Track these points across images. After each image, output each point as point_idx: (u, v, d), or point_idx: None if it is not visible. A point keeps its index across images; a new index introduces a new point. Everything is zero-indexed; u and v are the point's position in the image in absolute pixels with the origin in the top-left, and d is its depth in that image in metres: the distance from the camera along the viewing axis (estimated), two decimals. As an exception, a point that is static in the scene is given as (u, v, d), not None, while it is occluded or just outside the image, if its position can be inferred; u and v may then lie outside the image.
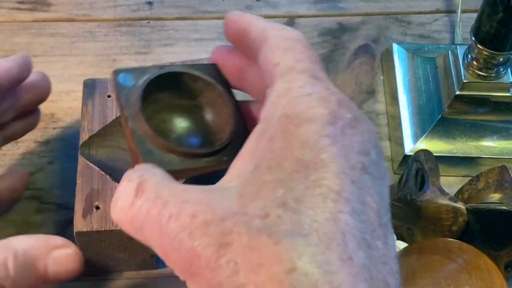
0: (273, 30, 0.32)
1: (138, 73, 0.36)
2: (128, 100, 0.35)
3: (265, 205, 0.26)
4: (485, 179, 0.44)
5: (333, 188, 0.26)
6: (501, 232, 0.41)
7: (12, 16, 0.59)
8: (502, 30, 0.44)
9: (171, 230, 0.26)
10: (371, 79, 0.57)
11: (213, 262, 0.25)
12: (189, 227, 0.26)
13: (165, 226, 0.26)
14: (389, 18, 0.61)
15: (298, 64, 0.30)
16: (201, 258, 0.25)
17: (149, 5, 0.61)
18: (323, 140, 0.27)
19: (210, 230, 0.25)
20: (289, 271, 0.24)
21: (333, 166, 0.27)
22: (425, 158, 0.45)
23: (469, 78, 0.49)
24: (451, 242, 0.41)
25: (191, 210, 0.26)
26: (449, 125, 0.50)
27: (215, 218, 0.26)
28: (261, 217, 0.25)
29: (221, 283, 0.25)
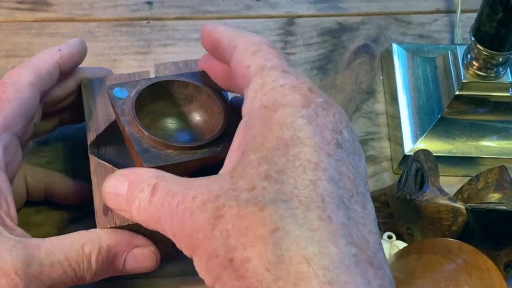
0: (240, 38, 0.37)
1: (131, 86, 0.41)
2: (123, 110, 0.39)
3: (252, 179, 0.30)
4: (485, 179, 0.44)
5: (311, 160, 0.30)
6: (501, 232, 0.41)
7: (12, 16, 0.59)
8: (501, 30, 0.44)
9: (178, 212, 0.31)
10: (370, 79, 0.57)
11: (209, 232, 0.29)
12: (191, 207, 0.30)
13: (174, 211, 0.31)
14: (389, 18, 0.61)
15: (267, 63, 0.34)
16: (199, 231, 0.30)
17: (149, 5, 0.61)
18: (299, 120, 0.31)
19: (207, 207, 0.30)
20: (272, 231, 0.28)
21: (310, 141, 0.30)
22: (424, 158, 0.45)
23: (469, 78, 0.49)
24: (450, 242, 0.41)
25: (192, 194, 0.31)
26: (449, 125, 0.50)
27: (211, 197, 0.30)
28: (248, 190, 0.29)
29: (216, 249, 0.29)
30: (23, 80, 0.40)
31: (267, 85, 0.33)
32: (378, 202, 0.47)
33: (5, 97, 0.39)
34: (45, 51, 0.43)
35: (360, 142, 0.51)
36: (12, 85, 0.40)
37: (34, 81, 0.40)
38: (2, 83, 0.40)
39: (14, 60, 0.56)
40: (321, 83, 0.56)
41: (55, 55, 0.42)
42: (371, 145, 0.52)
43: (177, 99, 0.42)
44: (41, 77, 0.41)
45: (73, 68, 0.44)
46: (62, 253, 0.36)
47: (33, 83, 0.40)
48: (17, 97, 0.39)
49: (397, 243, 0.44)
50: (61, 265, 0.36)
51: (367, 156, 0.52)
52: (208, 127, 0.42)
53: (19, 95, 0.39)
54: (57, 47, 0.43)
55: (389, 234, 0.45)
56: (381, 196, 0.46)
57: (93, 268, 0.37)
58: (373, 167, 0.51)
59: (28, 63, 0.41)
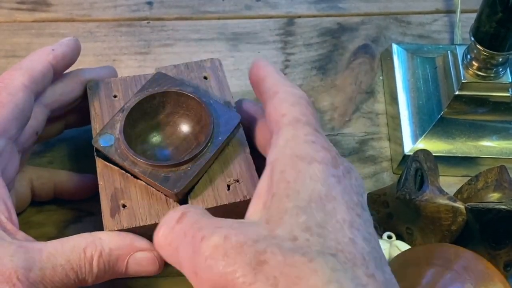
0: (284, 86, 0.37)
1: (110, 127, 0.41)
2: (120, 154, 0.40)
3: (292, 229, 0.30)
4: (484, 179, 0.45)
5: (346, 218, 0.31)
6: (500, 232, 0.41)
7: (12, 16, 0.60)
8: (501, 30, 0.44)
9: (204, 249, 0.30)
10: (370, 79, 0.57)
11: (251, 278, 0.28)
12: (223, 247, 0.29)
13: (198, 247, 0.30)
14: (388, 18, 0.61)
15: (303, 117, 0.35)
16: (237, 275, 0.28)
17: (149, 5, 0.61)
18: (331, 178, 0.32)
19: (244, 250, 0.29)
20: (326, 283, 0.27)
21: (342, 201, 0.31)
22: (424, 158, 0.45)
23: (469, 78, 0.49)
24: (446, 249, 0.41)
25: (224, 233, 0.30)
26: (449, 125, 0.50)
27: (248, 240, 0.29)
28: (290, 240, 0.29)
29: None
30: (16, 83, 0.40)
31: (299, 137, 0.34)
32: (378, 202, 0.47)
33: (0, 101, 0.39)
34: (38, 52, 0.42)
35: (360, 142, 0.52)
36: (5, 89, 0.39)
37: (27, 83, 0.40)
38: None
39: (14, 61, 0.56)
40: (321, 83, 0.56)
41: (48, 55, 0.42)
42: (371, 145, 0.52)
43: (153, 113, 0.43)
44: (34, 79, 0.41)
45: (67, 67, 0.44)
46: (63, 257, 0.36)
47: (26, 86, 0.40)
48: (11, 101, 0.39)
49: (397, 243, 0.44)
50: (63, 269, 0.35)
51: (367, 156, 0.52)
52: (197, 130, 0.43)
53: (13, 98, 0.39)
54: (50, 47, 0.43)
55: (389, 234, 0.46)
56: (380, 196, 0.46)
57: (94, 271, 0.37)
58: (373, 167, 0.51)
59: (20, 64, 0.41)
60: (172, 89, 0.42)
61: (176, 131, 0.43)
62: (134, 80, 0.45)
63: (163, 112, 0.43)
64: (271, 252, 0.29)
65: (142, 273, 0.39)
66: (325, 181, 0.32)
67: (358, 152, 0.52)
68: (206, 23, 0.60)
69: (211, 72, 0.45)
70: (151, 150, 0.42)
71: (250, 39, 0.59)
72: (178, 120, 0.43)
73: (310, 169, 0.32)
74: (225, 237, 0.30)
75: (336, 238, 0.29)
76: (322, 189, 0.31)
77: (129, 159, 0.40)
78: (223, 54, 0.57)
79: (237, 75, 0.56)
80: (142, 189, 0.39)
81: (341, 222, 0.30)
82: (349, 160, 0.51)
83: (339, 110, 0.54)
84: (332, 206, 0.31)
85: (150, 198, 0.39)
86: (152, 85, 0.43)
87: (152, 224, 0.38)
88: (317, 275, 0.28)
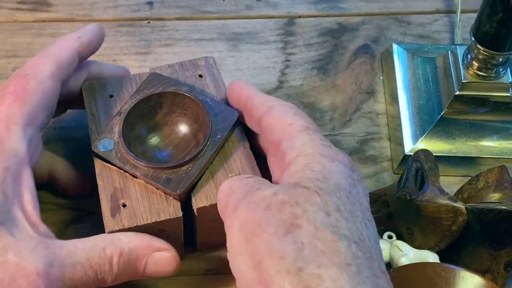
0: (276, 101, 0.40)
1: (109, 131, 0.41)
2: (121, 158, 0.40)
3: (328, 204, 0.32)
4: (485, 179, 0.45)
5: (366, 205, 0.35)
6: (501, 232, 0.41)
7: (12, 16, 0.60)
8: (501, 30, 0.44)
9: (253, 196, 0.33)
10: (371, 79, 0.57)
11: (281, 234, 0.31)
12: (270, 200, 0.32)
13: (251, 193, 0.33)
14: (389, 18, 0.61)
15: (311, 125, 0.38)
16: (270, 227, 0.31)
17: (150, 5, 0.61)
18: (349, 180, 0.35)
19: (285, 208, 0.32)
20: (347, 265, 0.30)
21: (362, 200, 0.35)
22: (424, 158, 0.45)
23: (469, 78, 0.49)
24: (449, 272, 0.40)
25: (275, 189, 0.33)
26: (449, 125, 0.50)
27: (291, 200, 0.32)
28: (325, 213, 0.32)
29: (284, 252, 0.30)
30: (45, 71, 0.40)
31: (316, 141, 0.36)
32: (378, 202, 0.47)
33: (29, 89, 0.38)
34: (64, 39, 0.42)
35: (360, 142, 0.52)
36: (35, 77, 0.39)
37: (55, 71, 0.40)
38: (24, 74, 0.39)
39: (14, 60, 0.56)
40: (321, 83, 0.56)
41: (74, 42, 0.42)
42: (371, 145, 0.52)
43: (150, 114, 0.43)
44: (61, 67, 0.40)
45: (91, 55, 0.44)
46: (83, 255, 0.36)
47: (54, 74, 0.40)
48: (40, 90, 0.39)
49: (397, 243, 0.44)
50: (83, 267, 0.35)
51: (367, 156, 0.52)
52: (195, 129, 0.43)
53: (42, 87, 0.39)
54: (76, 33, 0.42)
55: (389, 234, 0.45)
56: (381, 196, 0.46)
57: (114, 271, 0.37)
58: (373, 167, 0.51)
59: (48, 52, 0.41)
60: (168, 89, 0.43)
61: (174, 130, 0.43)
62: (129, 80, 0.45)
63: (160, 112, 0.43)
64: (306, 219, 0.31)
65: (159, 274, 0.39)
66: (347, 178, 0.34)
67: (359, 152, 0.52)
68: (207, 23, 0.60)
69: (205, 70, 0.45)
70: (150, 151, 0.42)
71: (251, 39, 0.59)
72: (176, 120, 0.43)
73: (333, 166, 0.34)
74: (274, 193, 0.33)
75: (358, 229, 0.32)
76: (345, 182, 0.34)
77: (129, 163, 0.40)
78: (224, 54, 0.57)
79: (238, 75, 0.56)
80: (141, 188, 0.39)
81: (363, 210, 0.33)
82: (349, 160, 0.51)
83: (340, 110, 0.54)
84: (355, 199, 0.34)
85: (150, 196, 0.39)
86: (147, 86, 0.43)
87: (153, 223, 0.38)
88: (340, 255, 0.30)
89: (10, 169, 0.36)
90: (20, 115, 0.38)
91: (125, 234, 0.38)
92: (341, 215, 0.32)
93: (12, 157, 0.37)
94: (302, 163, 0.35)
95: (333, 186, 0.33)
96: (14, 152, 0.37)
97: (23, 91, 0.38)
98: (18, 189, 0.37)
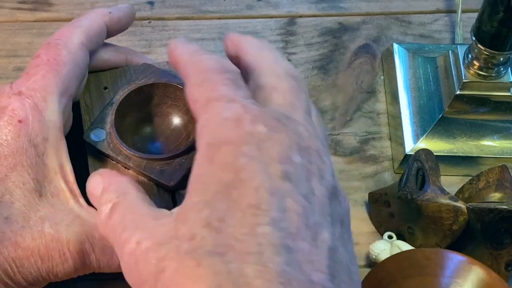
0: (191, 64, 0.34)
1: (100, 121, 0.41)
2: (114, 149, 0.40)
3: (193, 226, 0.28)
4: (486, 179, 0.45)
5: (251, 203, 0.28)
6: (502, 231, 0.41)
7: (13, 16, 0.60)
8: (502, 29, 0.44)
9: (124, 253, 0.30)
10: (371, 78, 0.57)
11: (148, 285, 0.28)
12: (135, 254, 0.29)
13: (122, 249, 0.30)
14: (389, 18, 0.61)
15: (213, 93, 0.31)
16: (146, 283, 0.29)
17: (150, 5, 0.61)
18: (241, 159, 0.29)
19: (149, 257, 0.28)
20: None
21: (252, 183, 0.28)
22: (425, 158, 0.45)
23: (470, 78, 0.49)
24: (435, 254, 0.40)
25: (137, 238, 0.30)
26: (450, 125, 0.50)
27: (153, 245, 0.29)
28: (189, 239, 0.28)
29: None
30: (76, 40, 0.40)
31: (212, 119, 0.30)
32: (379, 201, 0.47)
33: (61, 60, 0.38)
34: (95, 11, 0.42)
35: (361, 142, 0.52)
36: (66, 47, 0.39)
37: (85, 41, 0.40)
38: (55, 44, 0.39)
39: (15, 60, 0.56)
40: (322, 83, 0.56)
41: (105, 16, 0.42)
42: (372, 144, 0.52)
43: (141, 105, 0.43)
44: (91, 38, 0.41)
45: (118, 33, 0.44)
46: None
47: (84, 44, 0.40)
48: (71, 59, 0.39)
49: (398, 243, 0.44)
50: (111, 252, 0.36)
51: (368, 156, 0.52)
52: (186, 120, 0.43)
53: (73, 57, 0.39)
54: (107, 9, 0.42)
55: (390, 234, 0.45)
56: (382, 195, 0.46)
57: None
58: (374, 167, 0.51)
59: (78, 22, 0.41)
60: (160, 80, 0.43)
61: (165, 122, 0.43)
62: (124, 72, 0.45)
63: (151, 103, 0.43)
64: (169, 258, 0.28)
65: None
66: (233, 166, 0.29)
67: (359, 152, 0.52)
68: (207, 23, 0.60)
69: None
70: (142, 142, 0.42)
71: (251, 39, 0.59)
72: (166, 111, 0.43)
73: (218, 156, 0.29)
74: (137, 243, 0.29)
75: (233, 232, 0.27)
76: (229, 176, 0.28)
77: (122, 154, 0.40)
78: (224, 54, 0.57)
79: (238, 75, 0.56)
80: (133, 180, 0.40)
81: (244, 210, 0.28)
82: (350, 159, 0.51)
83: (340, 109, 0.54)
84: (238, 193, 0.28)
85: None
86: (139, 77, 0.43)
87: None
88: (202, 282, 0.26)
89: (50, 140, 0.37)
90: (55, 85, 0.38)
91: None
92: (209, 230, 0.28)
93: (51, 128, 0.37)
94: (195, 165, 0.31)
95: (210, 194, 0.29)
96: (52, 123, 0.37)
97: (56, 61, 0.38)
98: (59, 159, 0.37)
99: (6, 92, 0.37)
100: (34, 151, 0.36)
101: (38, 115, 0.37)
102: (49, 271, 0.35)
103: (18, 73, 0.56)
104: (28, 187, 0.36)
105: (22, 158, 0.36)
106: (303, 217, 0.28)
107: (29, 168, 0.36)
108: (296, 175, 0.29)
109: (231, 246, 0.27)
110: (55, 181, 0.37)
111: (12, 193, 0.35)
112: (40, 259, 0.35)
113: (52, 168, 0.37)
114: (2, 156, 0.36)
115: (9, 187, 0.36)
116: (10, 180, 0.36)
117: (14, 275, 0.35)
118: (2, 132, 0.36)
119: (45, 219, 0.35)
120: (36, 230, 0.35)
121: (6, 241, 0.35)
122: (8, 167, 0.36)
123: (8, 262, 0.35)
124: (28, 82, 0.37)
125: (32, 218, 0.35)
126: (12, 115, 0.36)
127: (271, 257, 0.27)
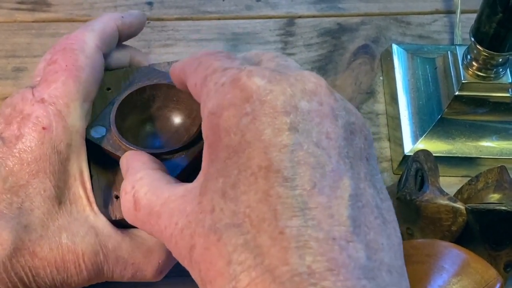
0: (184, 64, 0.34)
1: (102, 118, 0.41)
2: (114, 145, 0.40)
3: (212, 197, 0.28)
4: (485, 179, 0.45)
5: (261, 164, 0.27)
6: (501, 232, 0.41)
7: (12, 16, 0.60)
8: (501, 30, 0.45)
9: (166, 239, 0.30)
10: (370, 79, 0.57)
11: (187, 262, 0.29)
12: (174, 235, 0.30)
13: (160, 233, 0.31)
14: (388, 18, 0.61)
15: (208, 70, 0.31)
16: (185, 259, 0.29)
17: (149, 5, 0.61)
18: (243, 119, 0.28)
19: (184, 234, 0.29)
20: (227, 264, 0.26)
21: (258, 143, 0.27)
22: (424, 158, 0.45)
23: (469, 79, 0.49)
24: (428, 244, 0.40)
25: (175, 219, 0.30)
26: (449, 126, 0.50)
27: (186, 222, 0.29)
28: (210, 212, 0.27)
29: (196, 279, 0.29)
30: (91, 44, 0.40)
31: (211, 90, 0.30)
32: (378, 202, 0.47)
33: (79, 65, 0.38)
34: (108, 15, 0.42)
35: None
36: (83, 51, 0.39)
37: (100, 45, 0.40)
38: (71, 49, 0.39)
39: (14, 61, 0.56)
40: (321, 84, 0.56)
41: (117, 20, 0.42)
42: (371, 145, 0.52)
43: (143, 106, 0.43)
44: (105, 41, 0.41)
45: (129, 38, 0.44)
46: (128, 251, 0.37)
47: (99, 47, 0.40)
48: (89, 64, 0.39)
49: (397, 243, 0.44)
50: (124, 262, 0.37)
51: (367, 157, 0.52)
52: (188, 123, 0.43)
53: (91, 61, 0.39)
54: (119, 14, 0.43)
55: (389, 234, 0.46)
56: (381, 196, 0.46)
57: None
58: (373, 168, 0.51)
59: (91, 26, 0.41)
60: (162, 81, 0.43)
61: (166, 125, 0.43)
62: (127, 73, 0.45)
63: (154, 105, 0.43)
64: (198, 235, 0.28)
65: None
66: (237, 128, 0.28)
67: (358, 153, 0.52)
68: (207, 23, 0.60)
69: None
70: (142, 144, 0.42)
71: (250, 40, 0.59)
72: (169, 114, 0.43)
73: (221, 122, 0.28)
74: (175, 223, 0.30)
75: (247, 200, 0.26)
76: (234, 139, 0.27)
77: (122, 149, 0.40)
78: (223, 54, 0.57)
79: (237, 76, 0.56)
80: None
81: (255, 172, 0.26)
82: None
83: (339, 110, 0.54)
84: (246, 155, 0.27)
85: None
86: (141, 79, 0.43)
87: None
88: (221, 257, 0.26)
89: (73, 146, 0.37)
90: (76, 91, 0.38)
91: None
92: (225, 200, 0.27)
93: (74, 133, 0.38)
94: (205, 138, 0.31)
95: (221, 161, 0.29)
96: (75, 129, 0.38)
97: (74, 67, 0.38)
98: (79, 166, 0.38)
99: (29, 100, 0.37)
100: (57, 157, 0.37)
101: (62, 122, 0.37)
102: (63, 282, 0.36)
103: (17, 73, 0.56)
104: (49, 194, 0.36)
105: (45, 164, 0.36)
106: (317, 169, 0.26)
107: (51, 174, 0.36)
108: (305, 123, 0.27)
109: (246, 215, 0.26)
110: (74, 187, 0.37)
111: (33, 200, 0.36)
112: (56, 269, 0.35)
113: (73, 175, 0.37)
114: (25, 163, 0.36)
115: (30, 193, 0.36)
116: (32, 187, 0.36)
117: (29, 283, 0.35)
118: (26, 139, 0.36)
119: (62, 229, 0.36)
120: (54, 240, 0.36)
121: (24, 250, 0.35)
122: (31, 174, 0.36)
123: (24, 271, 0.35)
124: (49, 89, 0.38)
125: (50, 228, 0.36)
126: (36, 122, 0.37)
127: (286, 221, 0.25)
